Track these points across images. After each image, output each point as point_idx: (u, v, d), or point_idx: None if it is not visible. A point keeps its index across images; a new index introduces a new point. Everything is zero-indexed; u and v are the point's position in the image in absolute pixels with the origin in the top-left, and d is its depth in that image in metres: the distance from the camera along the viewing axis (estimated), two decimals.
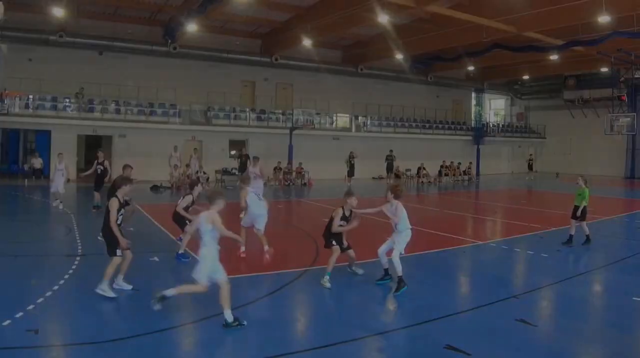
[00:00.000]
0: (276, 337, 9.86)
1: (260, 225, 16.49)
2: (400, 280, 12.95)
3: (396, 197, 13.58)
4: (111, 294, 11.80)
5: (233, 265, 14.54)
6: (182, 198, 17.09)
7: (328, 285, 13.16)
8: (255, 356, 9.17)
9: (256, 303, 11.84)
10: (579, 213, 18.85)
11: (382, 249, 13.64)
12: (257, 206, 16.52)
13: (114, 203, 12.09)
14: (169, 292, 10.69)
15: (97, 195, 26.03)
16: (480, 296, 12.99)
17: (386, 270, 13.75)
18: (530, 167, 60.13)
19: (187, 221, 15.96)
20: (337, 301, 12.48)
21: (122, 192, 12.48)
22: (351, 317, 11.25)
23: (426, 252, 17.53)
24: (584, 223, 19.06)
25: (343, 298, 12.61)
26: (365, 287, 13.54)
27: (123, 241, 12.13)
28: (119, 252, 12.12)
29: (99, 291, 11.73)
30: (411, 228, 13.56)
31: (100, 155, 26.89)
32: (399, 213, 13.42)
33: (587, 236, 19.04)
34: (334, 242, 13.80)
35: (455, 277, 15.49)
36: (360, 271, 14.45)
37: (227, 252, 15.31)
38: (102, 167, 26.28)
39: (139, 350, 9.13)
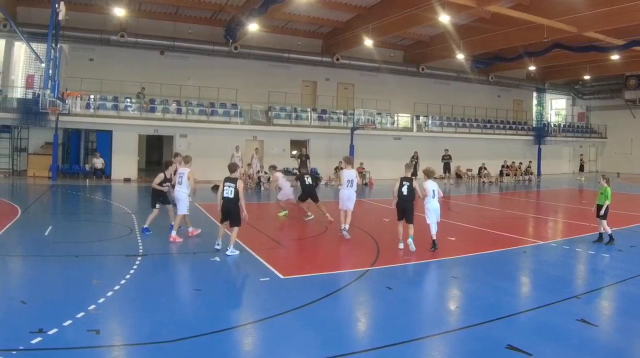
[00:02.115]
0: (336, 336, 9.56)
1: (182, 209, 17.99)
2: (433, 242, 16.79)
3: (428, 176, 17.17)
4: (236, 252, 15.43)
5: (295, 265, 15.14)
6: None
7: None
8: (316, 356, 8.75)
9: (317, 303, 11.33)
10: (602, 212, 18.63)
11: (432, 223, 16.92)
12: (176, 190, 18.05)
13: (241, 185, 15.66)
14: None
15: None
16: (541, 296, 12.52)
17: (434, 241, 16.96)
18: (581, 168, 56.62)
19: (160, 199, 18.92)
20: (397, 301, 11.98)
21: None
22: (412, 317, 10.90)
23: (488, 252, 17.28)
24: (604, 221, 18.69)
25: (404, 298, 12.21)
26: (425, 286, 13.79)
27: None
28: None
29: (229, 253, 15.28)
30: (432, 203, 16.75)
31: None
32: (427, 189, 16.81)
33: (600, 234, 18.90)
34: None
35: (516, 277, 14.95)
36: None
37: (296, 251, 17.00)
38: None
39: (198, 350, 8.78)
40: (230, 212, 15.54)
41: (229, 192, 15.41)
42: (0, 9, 33.40)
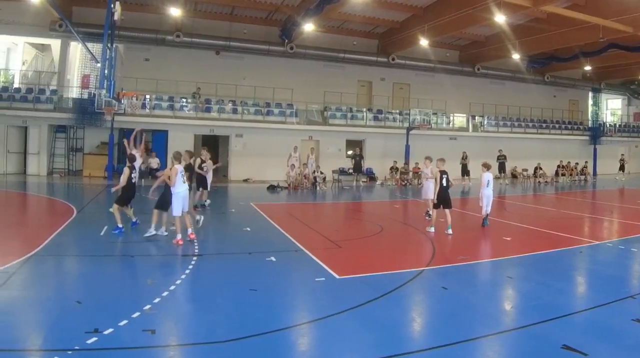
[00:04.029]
0: (392, 336, 9.07)
1: (186, 207, 16.41)
2: (485, 218, 20.12)
3: (487, 169, 20.29)
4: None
5: (350, 265, 14.18)
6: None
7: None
8: (372, 356, 8.25)
9: (373, 303, 10.66)
10: None
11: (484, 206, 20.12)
12: (182, 186, 16.13)
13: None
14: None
15: (205, 193, 23.92)
16: (596, 296, 11.88)
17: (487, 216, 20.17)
18: (621, 168, 52.68)
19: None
20: (453, 301, 11.26)
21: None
22: (467, 317, 10.17)
23: (543, 252, 16.36)
24: None
25: (459, 298, 11.45)
26: (480, 286, 12.94)
27: None
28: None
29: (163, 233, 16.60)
30: (486, 191, 19.91)
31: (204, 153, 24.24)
32: (483, 179, 19.96)
33: None
34: None
35: (572, 276, 14.22)
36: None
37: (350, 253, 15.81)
38: (206, 165, 23.69)
39: (254, 350, 8.36)
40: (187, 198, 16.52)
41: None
42: (56, 9, 31.91)
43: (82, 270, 13.31)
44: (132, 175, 17.65)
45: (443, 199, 18.80)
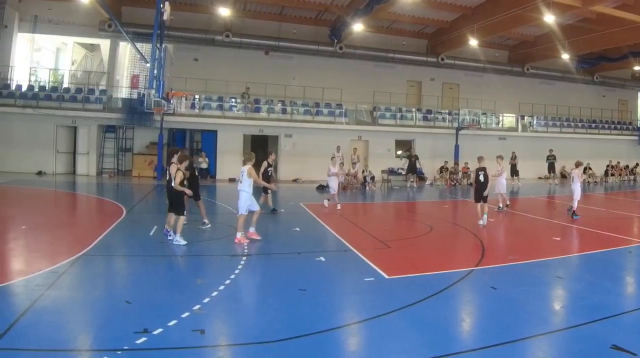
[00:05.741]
0: (441, 336, 8.73)
1: (253, 206, 15.66)
2: (573, 211, 21.36)
3: (576, 166, 22.22)
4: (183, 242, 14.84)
5: (400, 265, 13.69)
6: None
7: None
8: (421, 356, 7.96)
9: (422, 303, 10.34)
10: None
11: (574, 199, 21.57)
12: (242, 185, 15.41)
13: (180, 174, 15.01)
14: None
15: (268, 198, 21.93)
16: None
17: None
18: None
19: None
20: (502, 301, 10.86)
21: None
22: (516, 317, 9.78)
23: (592, 252, 15.84)
24: None
25: (508, 298, 11.04)
26: (530, 286, 12.05)
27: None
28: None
29: (175, 242, 14.80)
30: (575, 186, 21.82)
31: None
32: (574, 175, 21.85)
33: None
34: None
35: (622, 276, 13.54)
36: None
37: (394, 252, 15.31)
38: (271, 169, 21.76)
39: (303, 350, 8.07)
40: (169, 198, 15.36)
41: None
42: (105, 9, 30.24)
43: (131, 270, 13.07)
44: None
45: (480, 194, 19.44)
